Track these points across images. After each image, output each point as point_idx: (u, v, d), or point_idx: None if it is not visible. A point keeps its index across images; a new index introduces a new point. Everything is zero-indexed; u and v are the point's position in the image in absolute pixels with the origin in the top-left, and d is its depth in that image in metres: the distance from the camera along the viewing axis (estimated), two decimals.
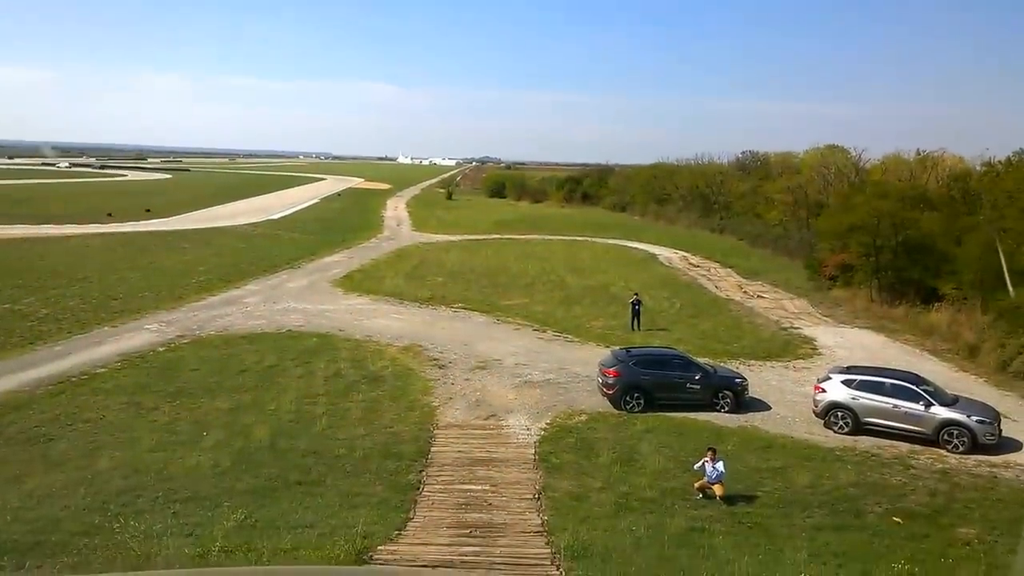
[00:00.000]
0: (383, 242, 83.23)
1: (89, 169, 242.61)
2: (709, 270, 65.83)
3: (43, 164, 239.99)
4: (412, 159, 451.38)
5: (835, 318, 47.62)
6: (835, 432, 28.83)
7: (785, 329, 44.54)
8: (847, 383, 29.17)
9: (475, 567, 18.32)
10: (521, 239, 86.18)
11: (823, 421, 29.40)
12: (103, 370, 34.44)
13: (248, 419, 28.65)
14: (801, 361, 38.11)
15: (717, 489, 23.05)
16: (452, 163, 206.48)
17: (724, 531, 20.96)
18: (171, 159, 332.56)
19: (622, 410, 30.43)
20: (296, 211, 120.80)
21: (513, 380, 34.17)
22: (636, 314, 43.45)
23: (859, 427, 28.68)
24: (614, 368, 31.00)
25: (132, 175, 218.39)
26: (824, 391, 29.50)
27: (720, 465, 23.14)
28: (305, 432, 27.77)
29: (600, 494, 23.23)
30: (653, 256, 72.54)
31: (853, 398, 28.78)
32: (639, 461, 25.77)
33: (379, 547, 19.28)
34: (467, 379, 34.26)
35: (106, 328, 41.93)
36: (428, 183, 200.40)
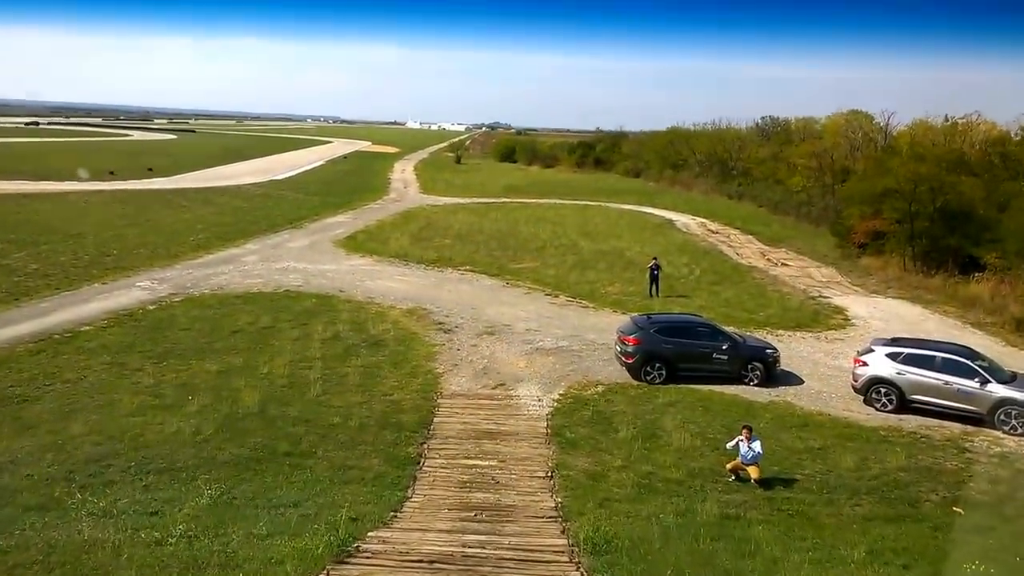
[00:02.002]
0: (389, 204, 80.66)
1: (93, 128, 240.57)
2: (729, 236, 63.16)
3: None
4: (421, 124, 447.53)
5: (866, 287, 44.99)
6: (877, 409, 26.37)
7: (813, 298, 41.98)
8: (892, 356, 26.59)
9: (479, 562, 15.88)
10: (532, 203, 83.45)
11: (863, 397, 26.93)
12: (88, 328, 32.41)
13: (238, 383, 26.48)
14: (833, 332, 35.61)
15: (752, 471, 20.67)
16: (462, 128, 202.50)
17: (763, 520, 18.62)
18: (177, 120, 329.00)
19: (642, 381, 28.08)
20: (301, 172, 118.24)
21: (523, 347, 31.81)
22: (655, 279, 40.97)
23: (904, 404, 26.19)
24: (634, 336, 28.56)
25: (137, 135, 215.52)
26: (866, 364, 26.94)
27: (756, 445, 20.73)
28: (298, 398, 25.63)
29: (620, 473, 20.95)
30: (669, 222, 69.82)
31: (899, 373, 26.24)
32: (662, 437, 23.46)
33: (368, 533, 16.94)
34: (474, 345, 31.91)
35: (96, 285, 39.85)
36: (437, 147, 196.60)
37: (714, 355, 28.29)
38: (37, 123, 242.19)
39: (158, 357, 29.15)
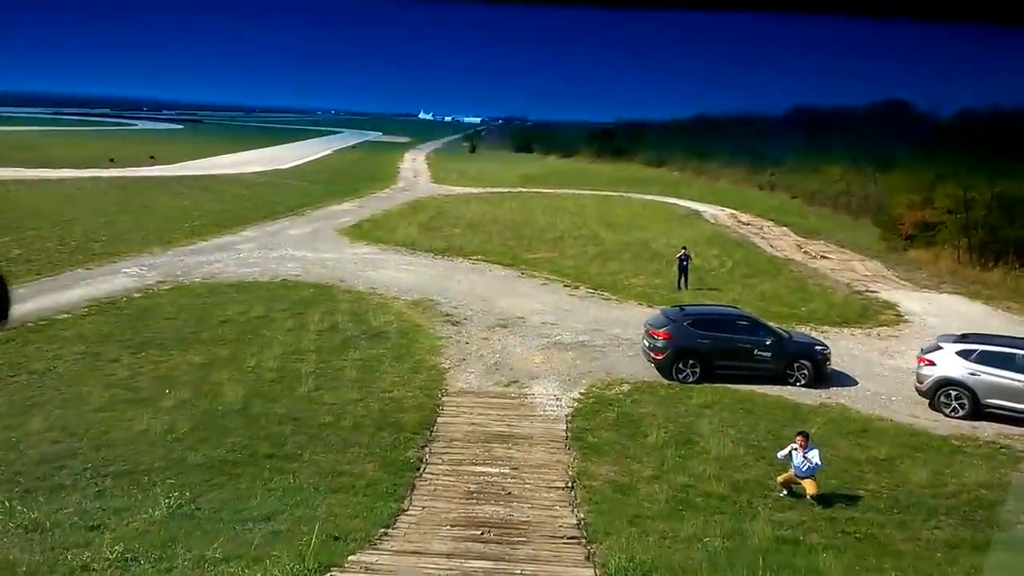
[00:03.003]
0: (397, 193, 77.67)
1: (98, 118, 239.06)
2: (762, 228, 59.80)
3: None
4: (434, 116, 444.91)
5: (915, 282, 41.59)
6: (946, 415, 23.17)
7: (860, 293, 38.72)
8: (963, 355, 23.34)
9: None
10: (549, 193, 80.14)
11: (929, 401, 23.73)
12: (66, 316, 29.89)
13: (221, 376, 23.79)
14: (886, 329, 32.41)
15: (808, 485, 17.64)
16: (477, 120, 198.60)
17: (826, 544, 15.62)
18: (185, 111, 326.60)
19: (673, 380, 25.08)
20: (306, 161, 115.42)
21: (539, 341, 28.85)
22: (683, 271, 37.91)
23: (978, 410, 22.95)
24: (665, 329, 25.50)
25: (143, 124, 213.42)
26: (932, 364, 23.69)
27: (814, 455, 17.69)
28: (287, 394, 22.91)
29: (652, 485, 18.04)
30: (696, 212, 66.48)
31: (971, 373, 23.00)
32: (698, 444, 20.51)
33: (349, 557, 13.97)
34: (484, 338, 28.99)
35: (79, 271, 37.32)
36: (450, 138, 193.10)
37: (756, 351, 25.20)
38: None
39: (137, 347, 26.47)
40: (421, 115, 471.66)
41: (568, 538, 15.39)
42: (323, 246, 45.93)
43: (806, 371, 25.11)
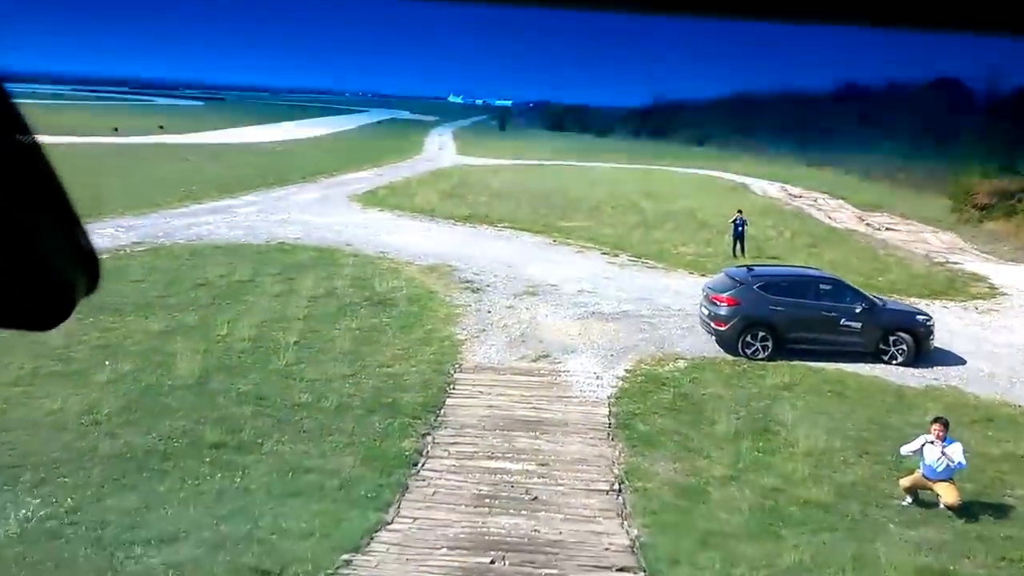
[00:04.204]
0: (420, 163, 72.53)
1: (117, 94, 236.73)
2: (816, 200, 54.36)
3: None
4: (464, 99, 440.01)
5: (999, 255, 36.21)
6: None
7: (941, 264, 33.55)
8: None
9: None
10: (584, 166, 74.73)
11: None
12: None
13: (180, 346, 19.15)
14: (982, 302, 27.36)
15: (944, 491, 12.85)
16: (508, 103, 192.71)
17: None
18: (209, 91, 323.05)
19: (739, 355, 20.30)
20: (327, 134, 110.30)
21: (575, 310, 24.17)
22: (739, 237, 33.03)
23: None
24: (729, 294, 20.69)
25: (162, 101, 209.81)
26: None
27: (956, 451, 12.89)
28: (258, 367, 18.39)
29: (728, 488, 13.31)
30: (744, 185, 61.01)
31: None
32: (781, 434, 15.79)
33: None
34: (510, 306, 24.33)
35: None
36: (479, 118, 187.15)
37: (842, 322, 20.30)
38: None
39: (86, 312, 21.63)
40: (451, 98, 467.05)
41: (617, 569, 10.64)
42: (331, 211, 41.24)
43: (905, 346, 20.21)
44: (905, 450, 13.28)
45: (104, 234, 32.12)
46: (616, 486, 13.35)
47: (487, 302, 24.78)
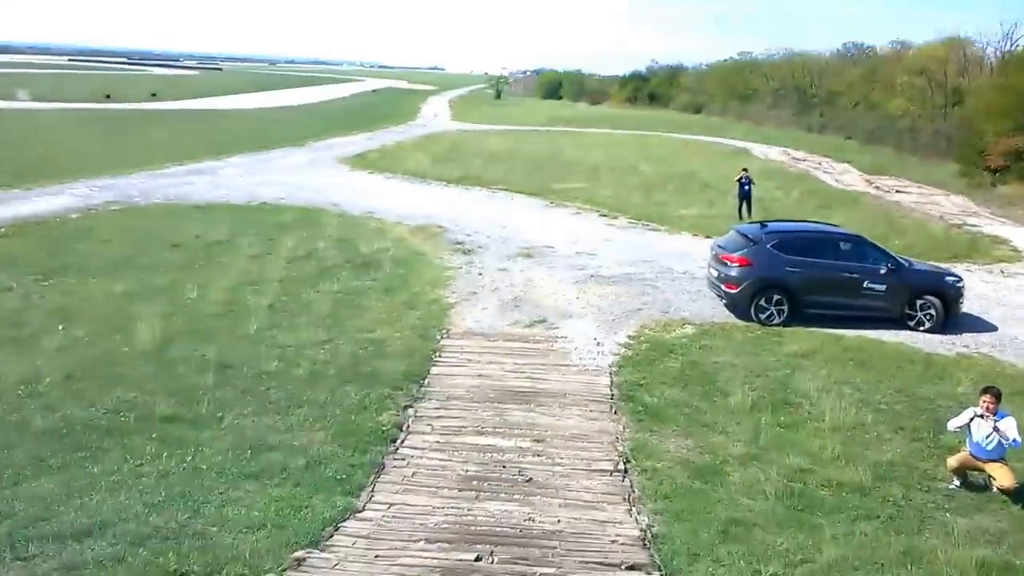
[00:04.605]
0: (413, 128, 70.47)
1: (115, 64, 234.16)
2: (820, 163, 52.37)
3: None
4: (463, 69, 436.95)
5: (1015, 218, 34.26)
6: None
7: (958, 226, 31.76)
8: None
9: None
10: (579, 131, 72.37)
11: None
12: None
13: (144, 309, 17.50)
14: (1008, 265, 25.70)
15: (998, 474, 11.26)
16: (506, 73, 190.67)
17: None
18: (206, 63, 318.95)
19: (752, 320, 18.56)
20: (320, 101, 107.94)
21: (572, 273, 22.50)
22: (745, 197, 31.29)
23: None
24: (741, 253, 18.98)
25: (158, 71, 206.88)
26: None
27: (1010, 426, 11.21)
28: (227, 332, 16.77)
29: (748, 468, 11.70)
30: (745, 149, 58.93)
31: None
32: (803, 407, 14.16)
33: None
34: (503, 269, 22.68)
35: (16, 191, 31.12)
36: (476, 87, 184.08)
37: (865, 284, 18.59)
38: None
39: (47, 273, 20.44)
40: (449, 69, 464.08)
41: (627, 567, 9.01)
42: (318, 173, 39.57)
43: (933, 310, 18.56)
44: (952, 425, 11.63)
45: (76, 193, 30.69)
46: (621, 466, 11.73)
47: (478, 264, 23.19)
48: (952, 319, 18.77)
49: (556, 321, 18.36)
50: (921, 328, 18.49)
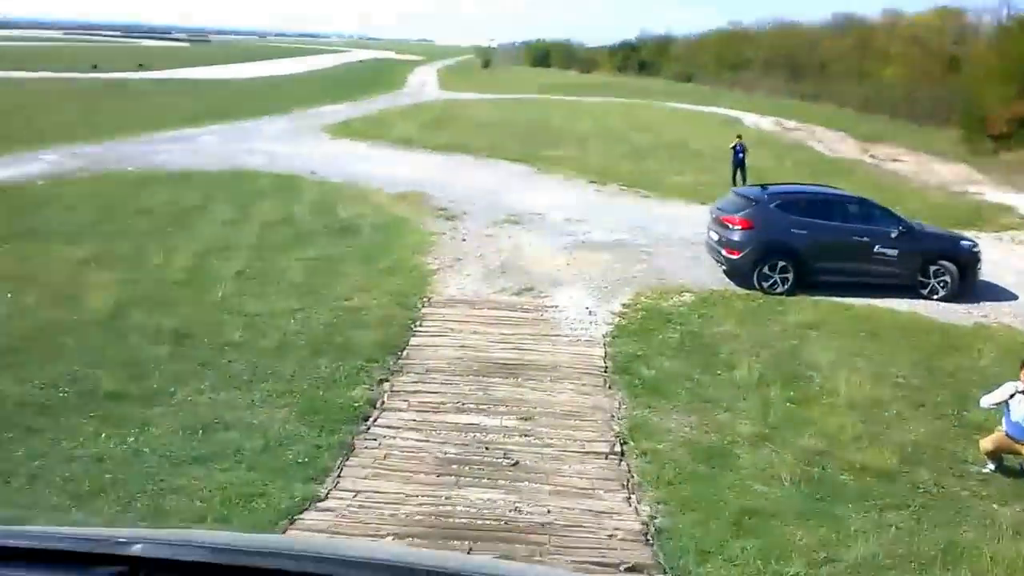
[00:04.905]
0: (400, 97, 68.61)
1: (106, 37, 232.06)
2: (813, 132, 50.97)
3: None
4: (452, 41, 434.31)
5: (1019, 187, 32.96)
6: None
7: (960, 193, 30.60)
8: None
9: None
10: (569, 100, 70.71)
11: None
12: None
13: (103, 276, 16.34)
14: (1017, 232, 24.52)
15: None
16: (494, 44, 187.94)
17: None
18: (196, 36, 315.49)
19: (755, 288, 17.36)
20: (306, 70, 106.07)
21: (562, 239, 21.29)
22: (740, 164, 30.06)
23: None
24: (743, 215, 17.76)
25: (148, 43, 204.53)
26: None
27: None
28: (190, 301, 15.47)
29: (760, 450, 10.56)
30: (737, 119, 57.46)
31: None
32: (815, 381, 12.99)
33: None
34: (489, 235, 21.47)
35: None
36: (465, 58, 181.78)
37: (876, 248, 17.38)
38: None
39: (3, 239, 18.93)
40: (438, 40, 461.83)
41: (627, 569, 7.81)
42: (300, 140, 38.09)
43: (948, 277, 17.38)
44: (986, 402, 10.45)
45: (48, 160, 29.25)
46: (618, 447, 10.54)
47: (463, 230, 21.95)
48: (969, 287, 17.58)
49: (545, 289, 17.15)
50: (935, 296, 17.33)
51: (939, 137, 45.11)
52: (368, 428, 10.84)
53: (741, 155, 29.89)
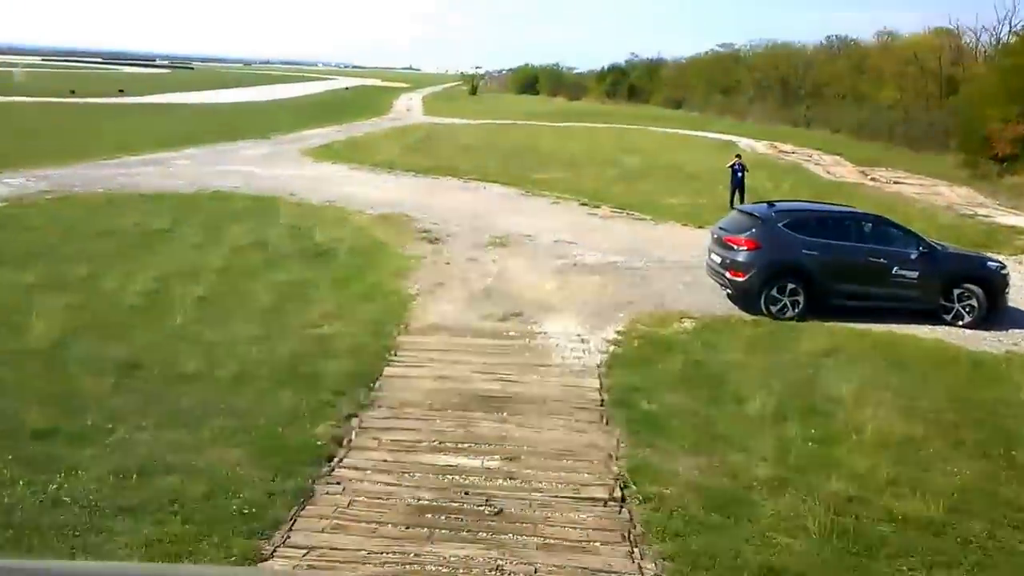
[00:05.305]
0: (384, 122, 67.43)
1: (88, 63, 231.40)
2: (810, 156, 49.79)
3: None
4: (437, 68, 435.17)
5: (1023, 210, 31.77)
6: None
7: (969, 216, 29.40)
8: None
9: None
10: (558, 125, 69.29)
11: None
12: None
13: (50, 301, 14.78)
14: None
15: None
16: (481, 72, 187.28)
17: None
18: (179, 63, 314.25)
19: (764, 313, 15.99)
20: (291, 96, 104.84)
21: (552, 262, 20.02)
22: (739, 185, 28.85)
23: None
24: (748, 235, 16.44)
25: (130, 70, 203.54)
26: None
27: None
28: (145, 328, 14.07)
29: (781, 497, 9.23)
30: (731, 143, 56.43)
31: None
32: (837, 416, 11.61)
33: None
34: (473, 259, 20.17)
35: None
36: (452, 85, 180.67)
37: (895, 270, 16.05)
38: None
39: None
40: (425, 68, 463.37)
41: None
42: (280, 163, 36.86)
43: (974, 301, 16.10)
44: None
45: (11, 183, 27.93)
46: (618, 492, 9.15)
47: (446, 253, 20.71)
48: (997, 312, 16.27)
49: (534, 314, 15.81)
50: (960, 322, 16.01)
51: (936, 161, 44.05)
52: (331, 470, 9.47)
53: (740, 175, 28.68)
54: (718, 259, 16.93)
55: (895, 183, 38.06)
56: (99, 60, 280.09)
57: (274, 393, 11.53)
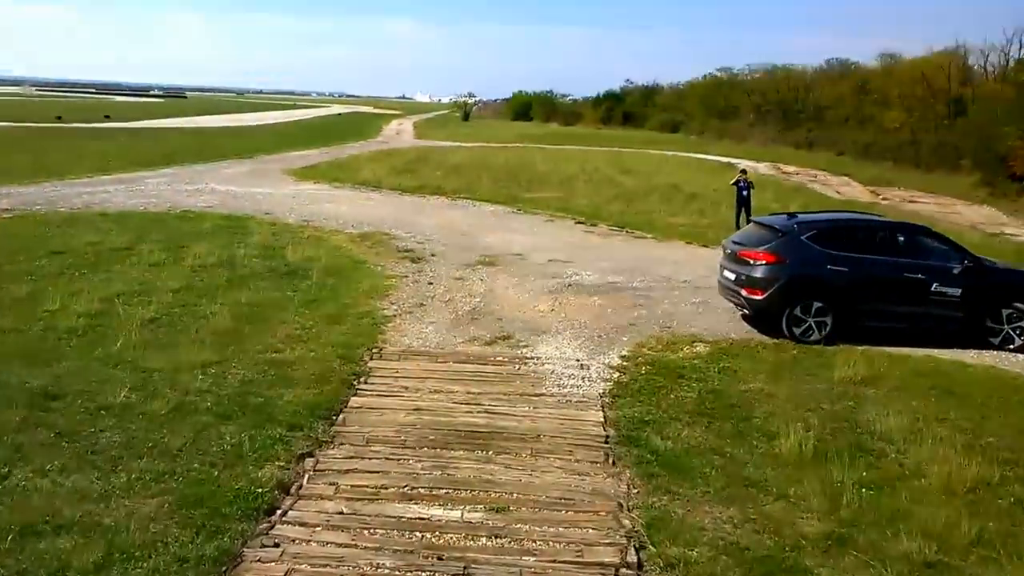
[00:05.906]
0: (373, 144, 65.83)
1: (82, 92, 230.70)
2: (816, 176, 48.15)
3: None
4: (431, 97, 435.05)
5: None
6: None
7: (995, 235, 27.68)
8: None
9: None
10: (552, 148, 67.36)
11: None
12: None
13: None
14: None
15: None
16: (473, 100, 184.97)
17: None
18: (174, 92, 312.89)
19: (786, 336, 14.12)
20: (280, 122, 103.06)
21: (546, 282, 18.17)
22: (744, 202, 27.00)
23: None
24: (767, 248, 14.53)
25: (124, 99, 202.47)
26: None
27: None
28: (77, 353, 12.27)
29: (837, 560, 7.36)
30: (730, 164, 54.77)
31: None
32: (889, 456, 9.80)
33: None
34: (459, 278, 18.40)
35: None
36: (444, 112, 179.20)
37: (934, 287, 14.13)
38: None
39: None
40: (418, 97, 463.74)
41: None
42: (259, 182, 35.03)
43: None
44: None
45: None
46: (633, 555, 7.20)
47: (430, 273, 18.92)
48: None
49: (525, 338, 13.93)
50: (1010, 346, 14.09)
51: (949, 182, 42.36)
52: (270, 527, 7.56)
53: (745, 192, 26.89)
54: (732, 276, 15.03)
55: (910, 202, 36.37)
56: (92, 90, 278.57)
57: (215, 428, 9.69)
